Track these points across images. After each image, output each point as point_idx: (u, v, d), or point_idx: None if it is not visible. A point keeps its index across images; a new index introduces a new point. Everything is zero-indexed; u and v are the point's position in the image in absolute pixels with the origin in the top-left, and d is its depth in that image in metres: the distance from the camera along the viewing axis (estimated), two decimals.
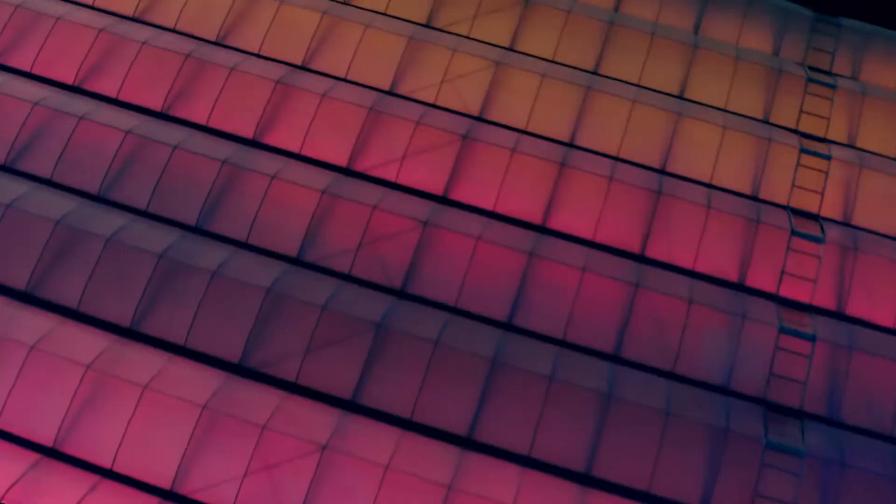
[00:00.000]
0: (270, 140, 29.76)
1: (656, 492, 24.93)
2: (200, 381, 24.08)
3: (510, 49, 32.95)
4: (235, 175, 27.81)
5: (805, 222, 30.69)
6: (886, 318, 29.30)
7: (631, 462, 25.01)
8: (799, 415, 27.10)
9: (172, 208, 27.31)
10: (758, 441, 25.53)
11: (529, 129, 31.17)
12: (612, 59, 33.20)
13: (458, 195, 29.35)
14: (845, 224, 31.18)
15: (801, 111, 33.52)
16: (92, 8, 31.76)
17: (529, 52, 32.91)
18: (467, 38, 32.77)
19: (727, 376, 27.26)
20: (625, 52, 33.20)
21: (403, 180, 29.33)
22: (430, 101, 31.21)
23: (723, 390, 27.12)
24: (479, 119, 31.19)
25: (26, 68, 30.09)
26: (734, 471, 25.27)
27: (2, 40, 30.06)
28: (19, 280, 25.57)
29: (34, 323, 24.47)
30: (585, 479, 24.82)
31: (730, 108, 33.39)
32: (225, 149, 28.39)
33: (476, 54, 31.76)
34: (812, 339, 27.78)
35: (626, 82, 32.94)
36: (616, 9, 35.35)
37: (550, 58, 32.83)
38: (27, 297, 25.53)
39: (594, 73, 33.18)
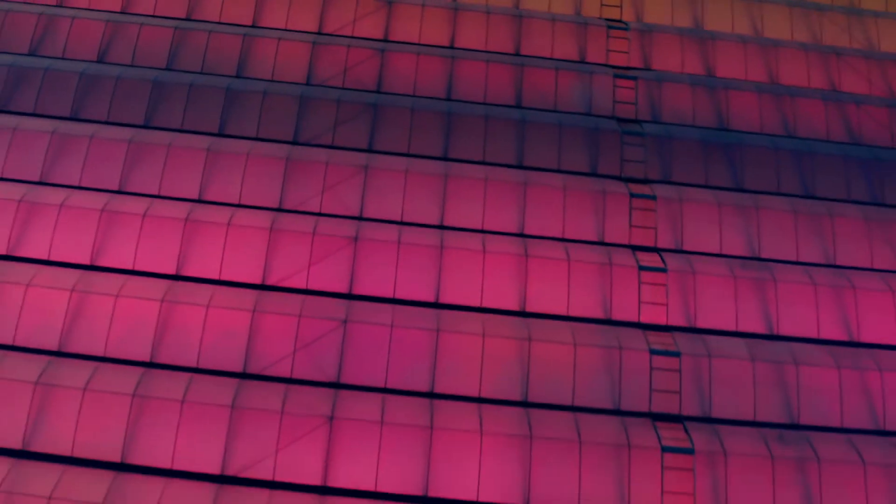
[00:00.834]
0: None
1: (565, 168, 40.63)
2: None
3: None
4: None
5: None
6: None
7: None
8: (638, 121, 43.46)
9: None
10: (615, 131, 41.70)
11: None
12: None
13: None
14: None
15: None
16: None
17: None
18: None
19: (588, 107, 43.38)
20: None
21: None
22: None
23: (585, 114, 43.26)
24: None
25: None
26: (605, 158, 41.27)
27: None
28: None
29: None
30: (522, 170, 40.28)
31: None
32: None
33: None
34: (634, 78, 44.41)
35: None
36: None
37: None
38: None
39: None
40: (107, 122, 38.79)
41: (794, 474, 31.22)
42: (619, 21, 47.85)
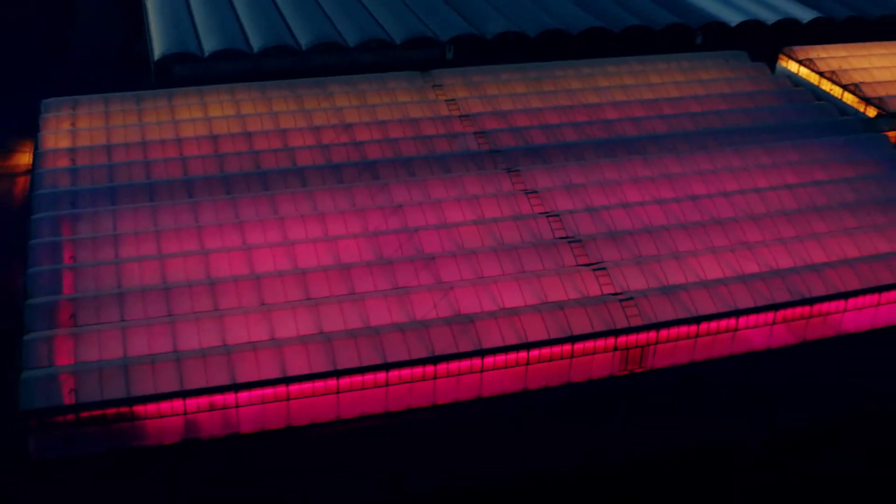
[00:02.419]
0: None
1: (470, 173, 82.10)
2: None
3: None
4: None
5: None
6: None
7: (462, 176, 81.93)
8: None
9: None
10: (489, 153, 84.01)
11: None
12: None
13: None
14: None
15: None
16: None
17: None
18: None
19: (467, 148, 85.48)
20: None
21: None
22: None
23: (469, 150, 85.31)
24: None
25: None
26: (487, 165, 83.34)
27: None
28: None
29: None
30: None
31: None
32: None
33: None
34: (485, 133, 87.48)
35: None
36: None
37: None
38: None
39: None
40: None
41: None
42: (468, 116, 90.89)
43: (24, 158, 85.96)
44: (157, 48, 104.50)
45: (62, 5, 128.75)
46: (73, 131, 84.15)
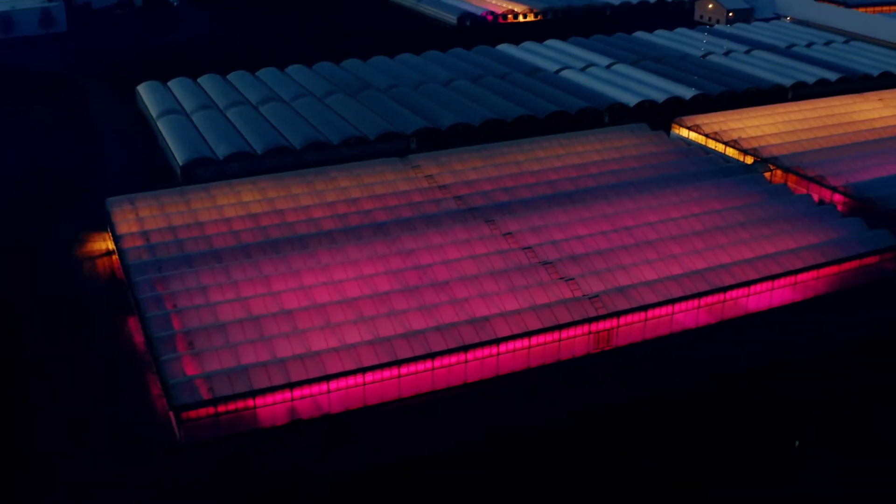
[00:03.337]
0: None
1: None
2: None
3: None
4: None
5: None
6: None
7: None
8: None
9: None
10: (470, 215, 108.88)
11: None
12: None
13: None
14: None
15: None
16: None
17: None
18: None
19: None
20: None
21: None
22: None
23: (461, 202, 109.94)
24: None
25: None
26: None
27: None
28: None
29: None
30: None
31: None
32: None
33: None
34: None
35: None
36: None
37: None
38: None
39: None
40: None
41: None
42: (444, 186, 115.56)
43: (97, 245, 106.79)
44: (180, 156, 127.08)
45: (86, 136, 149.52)
46: (139, 219, 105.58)
